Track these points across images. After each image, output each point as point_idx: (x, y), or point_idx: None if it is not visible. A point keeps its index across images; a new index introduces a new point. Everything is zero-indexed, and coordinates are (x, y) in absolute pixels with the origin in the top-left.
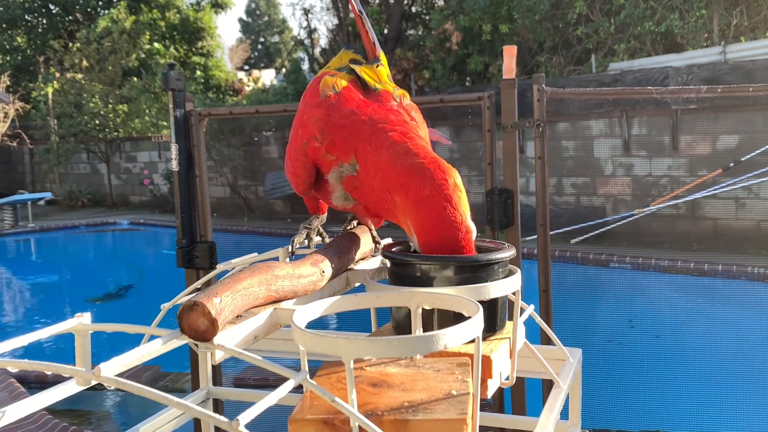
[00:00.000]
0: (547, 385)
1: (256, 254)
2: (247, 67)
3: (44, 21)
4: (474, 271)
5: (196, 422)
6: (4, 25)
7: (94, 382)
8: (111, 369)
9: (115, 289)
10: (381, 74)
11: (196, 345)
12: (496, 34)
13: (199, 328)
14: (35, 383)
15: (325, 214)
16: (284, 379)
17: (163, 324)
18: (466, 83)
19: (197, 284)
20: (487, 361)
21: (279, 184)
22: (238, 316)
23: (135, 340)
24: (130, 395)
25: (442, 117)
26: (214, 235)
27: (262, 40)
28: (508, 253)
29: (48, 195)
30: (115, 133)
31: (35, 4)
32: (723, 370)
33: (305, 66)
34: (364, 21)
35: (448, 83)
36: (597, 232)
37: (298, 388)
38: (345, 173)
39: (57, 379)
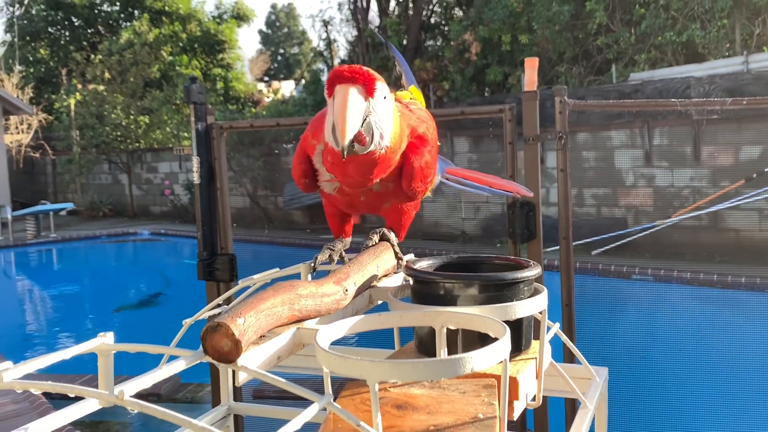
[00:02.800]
0: (570, 403)
1: (277, 269)
2: (266, 78)
3: (67, 33)
4: (499, 290)
5: None
6: (27, 38)
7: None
8: (133, 390)
9: (136, 300)
10: (400, 95)
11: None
12: (516, 45)
13: (223, 350)
14: (58, 395)
15: (349, 239)
16: None
17: (185, 338)
18: (485, 94)
19: (219, 300)
20: (513, 383)
21: (298, 194)
22: (261, 336)
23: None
24: None
25: (461, 128)
26: (234, 246)
27: (281, 51)
28: (534, 271)
29: (70, 205)
30: (137, 144)
31: (58, 17)
32: (748, 384)
33: (324, 77)
34: (396, 61)
35: (467, 94)
36: (618, 243)
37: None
38: (319, 151)
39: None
